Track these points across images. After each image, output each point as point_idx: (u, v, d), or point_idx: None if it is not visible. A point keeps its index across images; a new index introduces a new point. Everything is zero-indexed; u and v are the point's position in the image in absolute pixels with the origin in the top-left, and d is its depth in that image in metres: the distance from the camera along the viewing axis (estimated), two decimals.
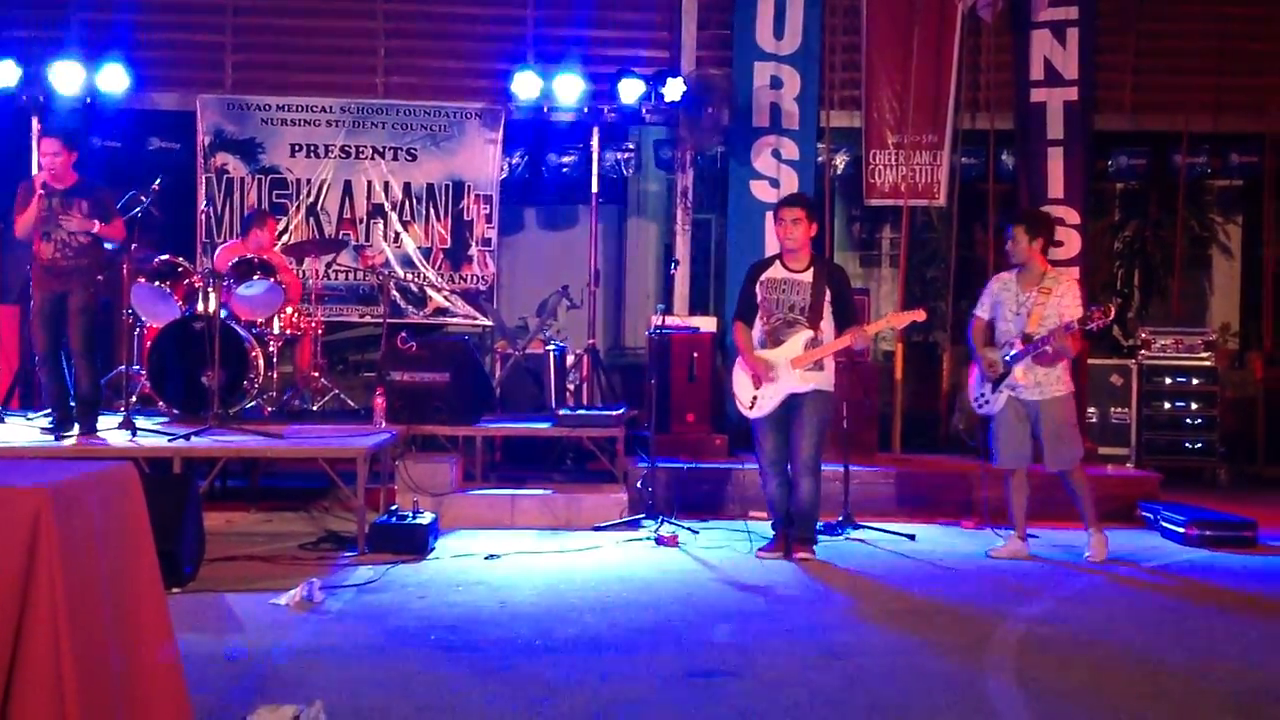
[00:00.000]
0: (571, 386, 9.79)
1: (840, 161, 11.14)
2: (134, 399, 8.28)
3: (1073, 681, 4.85)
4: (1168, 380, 10.17)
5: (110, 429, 7.74)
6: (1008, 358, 7.16)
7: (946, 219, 11.09)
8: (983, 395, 7.33)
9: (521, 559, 7.08)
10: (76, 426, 7.61)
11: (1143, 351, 10.15)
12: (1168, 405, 10.15)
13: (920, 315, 7.24)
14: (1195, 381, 10.21)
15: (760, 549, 7.22)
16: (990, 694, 4.66)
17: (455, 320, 10.76)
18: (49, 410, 7.88)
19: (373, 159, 10.65)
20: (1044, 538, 7.68)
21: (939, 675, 4.90)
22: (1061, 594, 6.45)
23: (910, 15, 10.56)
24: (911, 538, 7.76)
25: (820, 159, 10.80)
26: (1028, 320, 7.09)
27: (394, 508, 7.52)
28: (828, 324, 7.05)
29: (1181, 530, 7.88)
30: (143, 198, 8.10)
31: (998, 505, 7.80)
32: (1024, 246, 7.19)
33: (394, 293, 10.33)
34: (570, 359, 9.86)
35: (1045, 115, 10.54)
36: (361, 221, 10.67)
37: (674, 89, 10.08)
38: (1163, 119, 10.94)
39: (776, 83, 10.55)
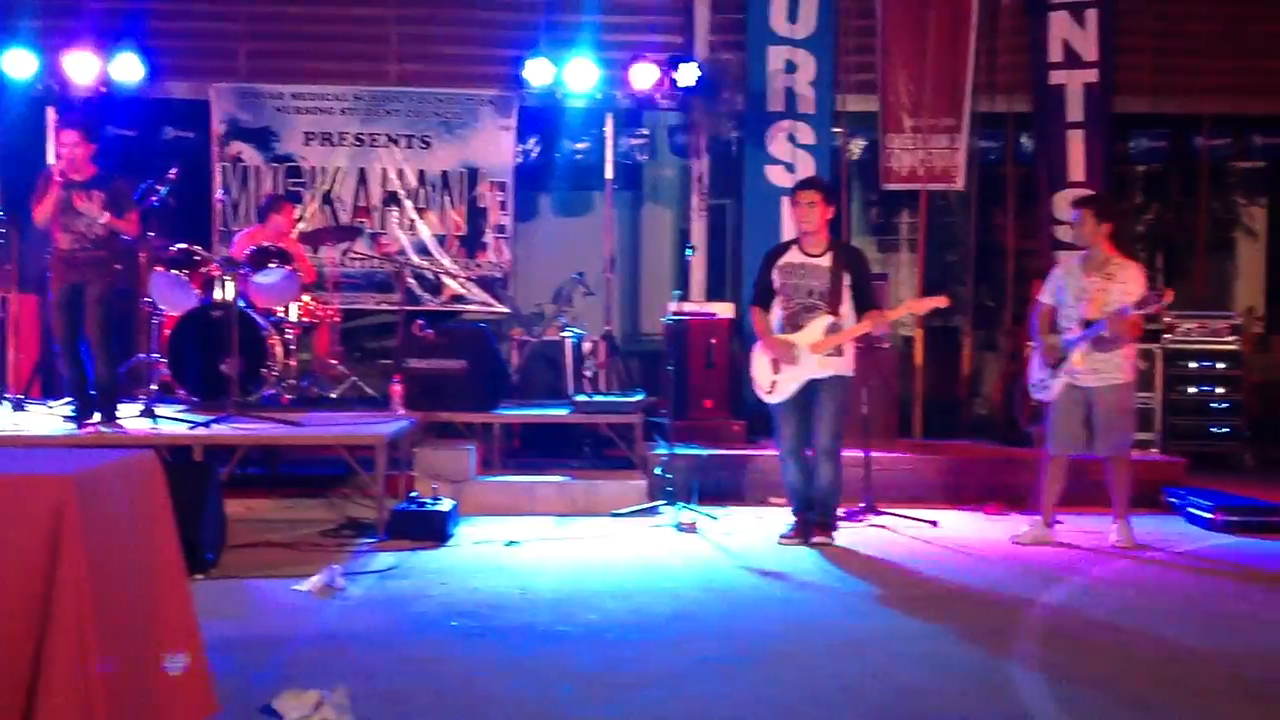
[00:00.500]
0: (589, 373, 9.77)
1: (856, 146, 11.08)
2: (154, 387, 8.29)
3: (1097, 668, 4.82)
4: (1192, 364, 10.08)
5: (131, 417, 7.75)
6: (1066, 343, 7.10)
7: (965, 203, 11.03)
8: (1042, 380, 7.26)
9: (541, 545, 7.07)
10: (97, 415, 7.62)
11: (1166, 336, 10.06)
12: (1192, 390, 10.06)
13: (943, 301, 7.20)
14: (1220, 366, 10.11)
15: (781, 535, 7.19)
16: (1014, 680, 4.64)
17: (471, 307, 10.74)
18: (69, 399, 7.89)
19: (387, 146, 10.62)
20: (1069, 523, 7.61)
21: (961, 662, 4.88)
22: (1086, 580, 6.41)
23: None
24: (933, 524, 7.72)
25: (836, 143, 10.75)
26: (1089, 306, 7.01)
27: (413, 494, 7.52)
28: (847, 308, 7.01)
29: (1208, 516, 7.82)
30: (159, 187, 8.10)
31: (1021, 491, 7.77)
32: (1090, 230, 7.07)
33: (410, 280, 10.32)
34: (587, 345, 9.84)
35: (1064, 97, 10.46)
36: (377, 209, 10.65)
37: (688, 74, 10.03)
38: (1184, 101, 10.84)
39: (791, 67, 10.50)
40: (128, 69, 9.98)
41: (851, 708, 4.29)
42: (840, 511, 7.40)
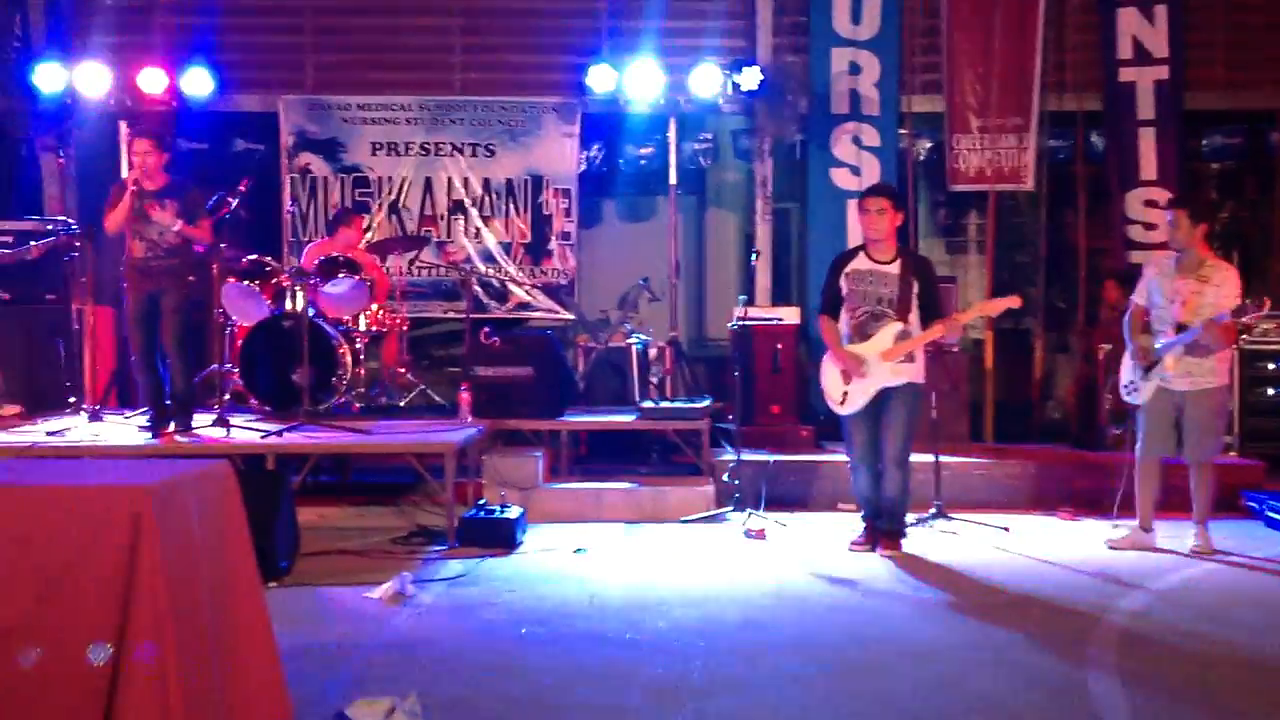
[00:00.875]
0: (655, 379, 9.76)
1: (923, 147, 10.99)
2: (227, 396, 8.40)
3: (1175, 677, 4.74)
4: (1270, 365, 9.85)
5: (205, 426, 7.86)
6: (1159, 346, 6.99)
7: (1035, 203, 10.90)
8: (1133, 383, 7.15)
9: (609, 552, 7.07)
10: (173, 424, 7.74)
11: (1244, 336, 9.84)
12: (1271, 391, 9.82)
13: (1016, 301, 7.09)
14: None
15: (851, 542, 7.14)
16: (1090, 688, 4.57)
17: (537, 315, 10.77)
18: (146, 409, 8.01)
19: (452, 155, 10.69)
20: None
21: (1036, 669, 4.82)
22: (1164, 587, 6.29)
23: None
24: (1005, 529, 7.62)
25: (902, 145, 10.67)
26: (1182, 309, 6.89)
27: (482, 502, 7.54)
28: (915, 315, 6.94)
29: None
30: (230, 199, 8.21)
31: (1096, 495, 7.65)
32: (1185, 232, 6.93)
33: (476, 288, 10.37)
34: (653, 351, 9.83)
35: (1135, 95, 10.30)
36: (443, 218, 10.72)
37: (751, 78, 10.00)
38: (1258, 96, 10.63)
39: (855, 69, 10.43)
40: (198, 83, 10.13)
41: (924, 715, 4.25)
42: (911, 519, 7.33)
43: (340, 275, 8.78)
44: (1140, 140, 10.29)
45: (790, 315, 9.74)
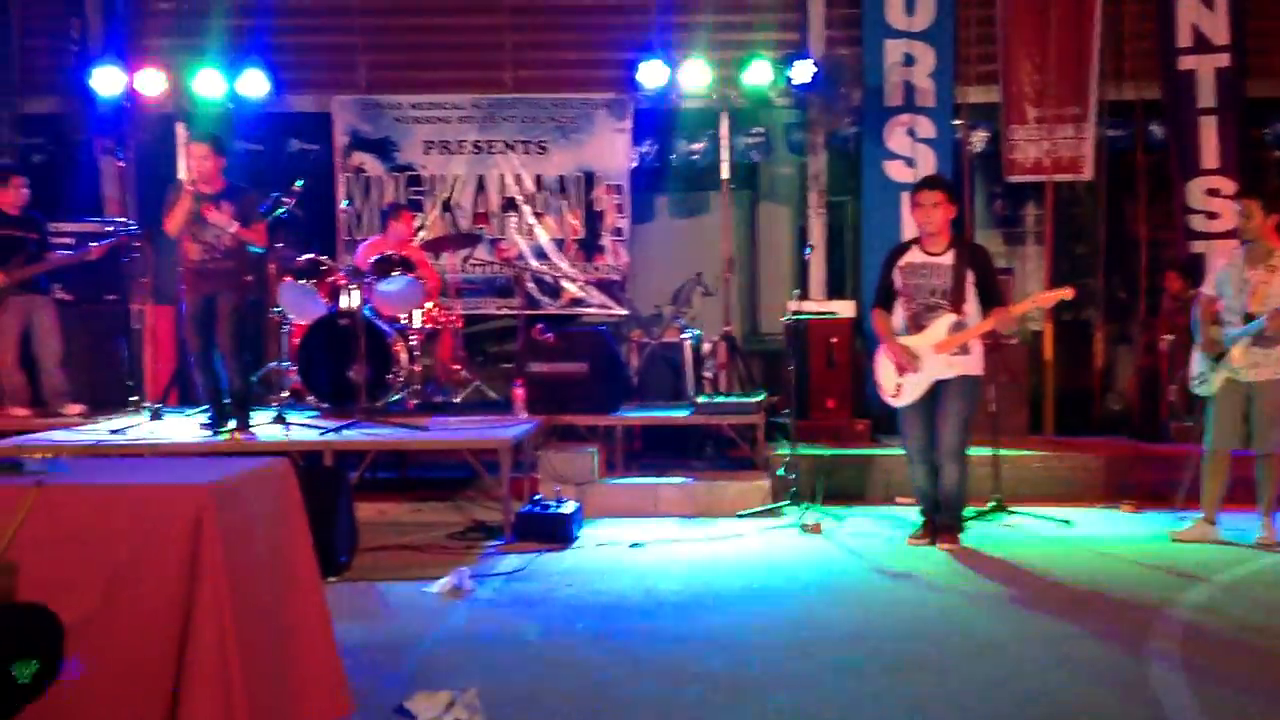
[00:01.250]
0: (709, 374, 9.74)
1: (978, 138, 10.89)
2: (285, 394, 8.48)
3: (1240, 670, 4.68)
4: None
5: (264, 424, 7.93)
6: (1227, 337, 6.90)
7: (1094, 193, 10.77)
8: (1202, 375, 7.07)
9: (665, 547, 7.06)
10: (233, 422, 7.82)
11: None
12: None
13: (1069, 293, 7.01)
14: None
15: (909, 536, 7.09)
16: (1153, 682, 4.52)
17: (590, 310, 10.79)
18: (205, 408, 8.10)
19: (504, 153, 10.72)
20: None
21: (1098, 663, 4.77)
22: (1228, 580, 6.20)
23: None
24: (1066, 523, 7.54)
25: (957, 136, 10.57)
26: (1251, 299, 6.79)
27: (538, 497, 7.57)
28: (972, 306, 6.85)
29: None
30: (285, 200, 8.28)
31: (1158, 488, 7.54)
32: (1258, 222, 6.83)
33: (529, 284, 10.40)
34: (706, 346, 9.81)
35: (1195, 83, 10.15)
36: (495, 215, 10.76)
37: (803, 71, 9.96)
38: None
39: (909, 60, 10.35)
40: (253, 84, 10.22)
41: (984, 710, 4.21)
42: (970, 512, 7.27)
43: (395, 273, 8.83)
44: (1201, 128, 10.14)
45: (845, 309, 9.70)
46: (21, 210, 8.77)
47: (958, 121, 10.56)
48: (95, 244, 8.90)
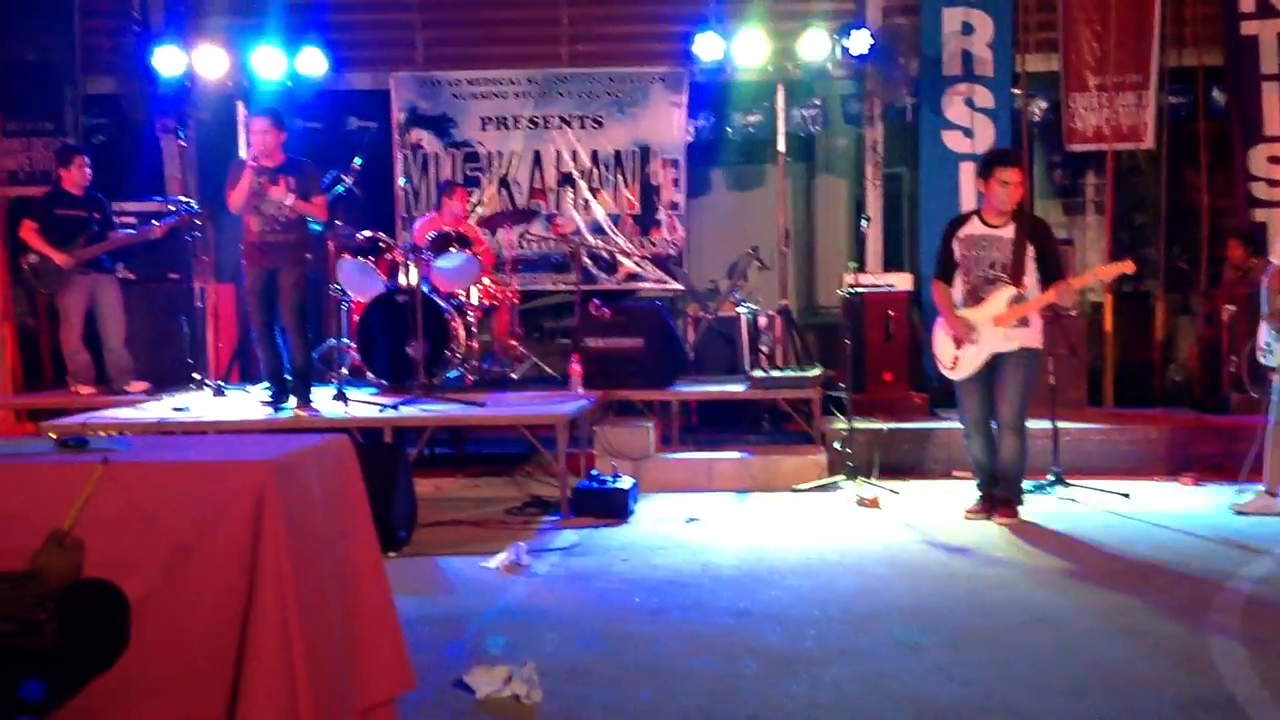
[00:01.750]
0: (765, 348, 9.73)
1: (1038, 107, 10.75)
2: (345, 371, 8.57)
3: None
4: None
5: (324, 401, 8.03)
6: None
7: (1154, 162, 10.61)
8: (1267, 345, 6.98)
9: (721, 522, 7.09)
10: (293, 399, 7.92)
11: None
12: None
13: (1129, 267, 6.93)
14: None
15: (966, 510, 7.06)
16: (1213, 655, 4.48)
17: (646, 285, 10.80)
18: (267, 384, 8.21)
19: (560, 128, 10.74)
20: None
21: (1157, 637, 4.74)
22: None
23: None
24: (1126, 496, 7.47)
25: (1016, 105, 10.45)
26: None
27: (594, 472, 7.62)
28: (1031, 279, 6.80)
29: None
30: (344, 177, 8.36)
31: (1219, 460, 7.45)
32: None
33: (585, 260, 10.41)
34: (763, 320, 9.79)
35: (1258, 49, 9.95)
36: (552, 191, 10.78)
37: (860, 41, 9.87)
38: None
39: (967, 28, 10.24)
40: (312, 62, 10.30)
41: (1042, 683, 4.21)
42: (1028, 485, 7.23)
43: (452, 250, 8.89)
44: (1264, 95, 9.94)
45: (902, 281, 9.64)
46: (84, 190, 8.92)
47: (1016, 90, 10.43)
48: (157, 222, 9.04)
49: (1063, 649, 4.58)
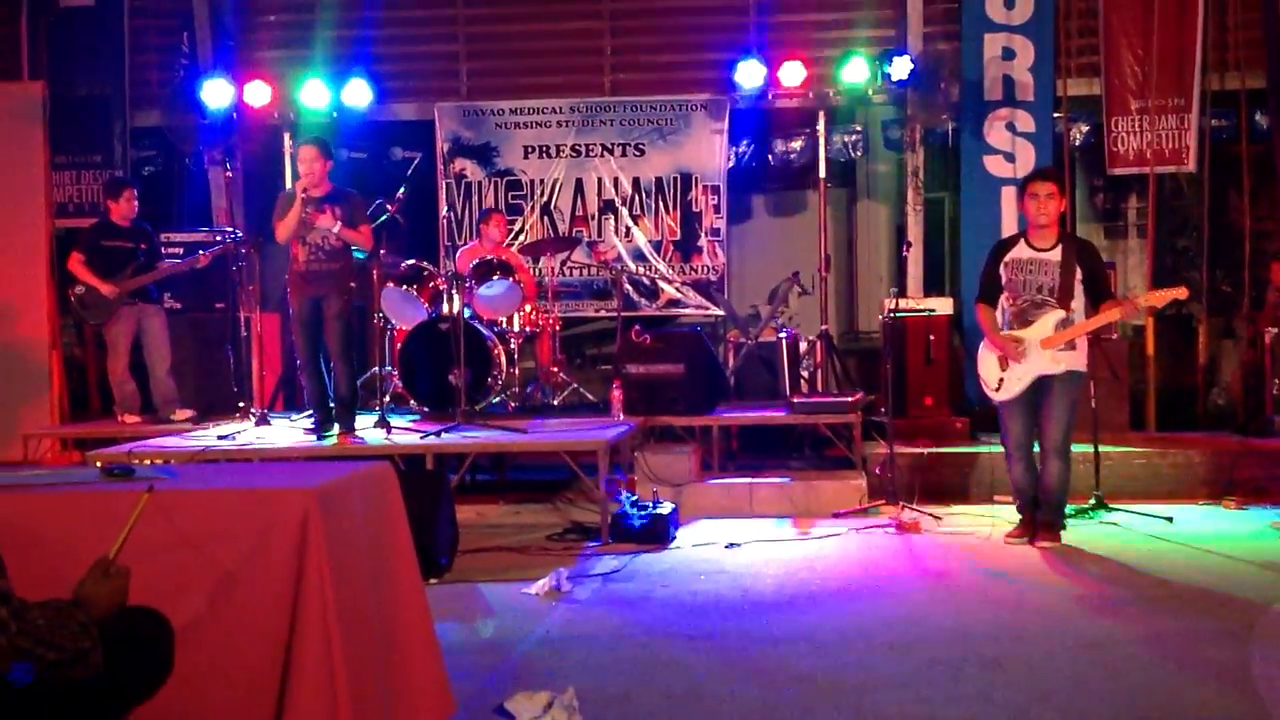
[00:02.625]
0: (805, 373, 9.75)
1: (1079, 131, 10.73)
2: (388, 398, 8.65)
3: None
4: None
5: (367, 428, 8.11)
6: None
7: (1197, 185, 10.56)
8: None
9: (762, 547, 7.08)
10: (337, 426, 8.01)
11: None
12: None
13: (1182, 292, 6.87)
14: None
15: (1007, 535, 7.04)
16: (1256, 683, 4.43)
17: (687, 311, 10.85)
18: (311, 412, 8.31)
19: (602, 156, 10.82)
20: None
21: (1199, 663, 4.69)
22: None
23: None
24: (1168, 520, 7.42)
25: (1058, 129, 10.44)
26: None
27: (634, 498, 7.64)
28: (1078, 303, 6.80)
29: None
30: (388, 207, 8.46)
31: (1263, 484, 7.37)
32: None
33: (627, 286, 10.48)
34: (803, 345, 9.81)
35: None
36: (593, 218, 10.86)
37: (901, 67, 9.91)
38: None
39: (1009, 54, 10.26)
40: (358, 94, 10.44)
41: (1084, 709, 4.18)
42: (1070, 509, 7.20)
43: (495, 277, 8.97)
44: None
45: (943, 306, 9.63)
46: (132, 222, 9.08)
47: (1058, 115, 10.42)
48: (203, 252, 9.18)
49: (1105, 675, 4.55)
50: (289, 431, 8.38)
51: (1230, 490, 8.11)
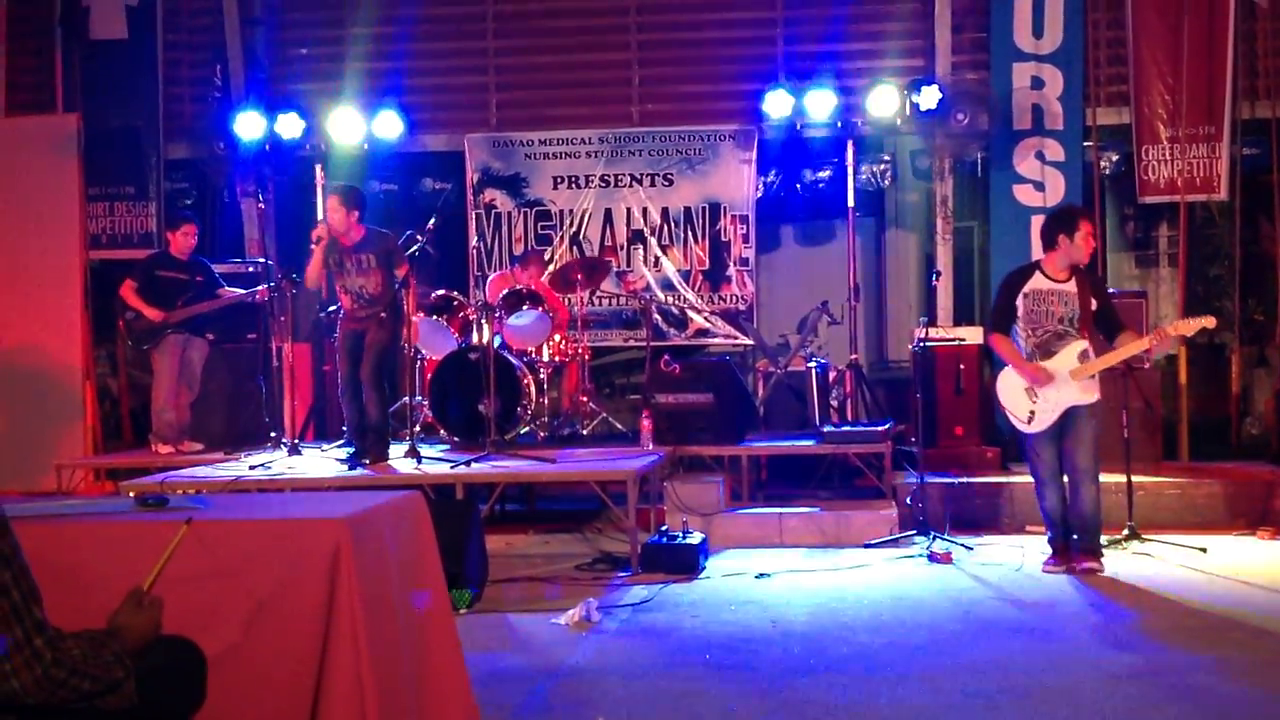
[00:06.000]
0: (835, 403, 9.72)
1: (1109, 160, 10.70)
2: (418, 428, 8.68)
3: None
4: None
5: (398, 458, 8.14)
6: None
7: (1228, 213, 10.51)
8: None
9: (792, 577, 7.06)
10: (369, 455, 8.06)
11: None
12: None
13: (1210, 321, 6.86)
14: None
15: (1044, 565, 7.00)
16: None
17: (716, 341, 10.84)
18: (345, 439, 8.35)
19: (631, 186, 10.85)
20: None
21: (1237, 697, 4.65)
22: None
23: (1179, 3, 10.05)
24: (1203, 550, 7.35)
25: (1087, 158, 10.42)
26: None
27: (664, 528, 7.63)
28: (1093, 334, 6.84)
29: None
30: (419, 238, 8.52)
31: None
32: None
33: (656, 316, 10.49)
34: (833, 375, 9.79)
35: None
36: (622, 248, 10.89)
37: (929, 97, 9.91)
38: None
39: (1037, 83, 10.25)
40: (388, 126, 10.51)
41: None
42: (1103, 540, 7.15)
43: (524, 307, 9.00)
44: None
45: (973, 335, 9.59)
46: (189, 255, 9.20)
47: (1087, 143, 10.40)
48: (261, 287, 9.26)
49: (1138, 707, 4.52)
50: (321, 461, 8.41)
51: (1265, 520, 8.04)
